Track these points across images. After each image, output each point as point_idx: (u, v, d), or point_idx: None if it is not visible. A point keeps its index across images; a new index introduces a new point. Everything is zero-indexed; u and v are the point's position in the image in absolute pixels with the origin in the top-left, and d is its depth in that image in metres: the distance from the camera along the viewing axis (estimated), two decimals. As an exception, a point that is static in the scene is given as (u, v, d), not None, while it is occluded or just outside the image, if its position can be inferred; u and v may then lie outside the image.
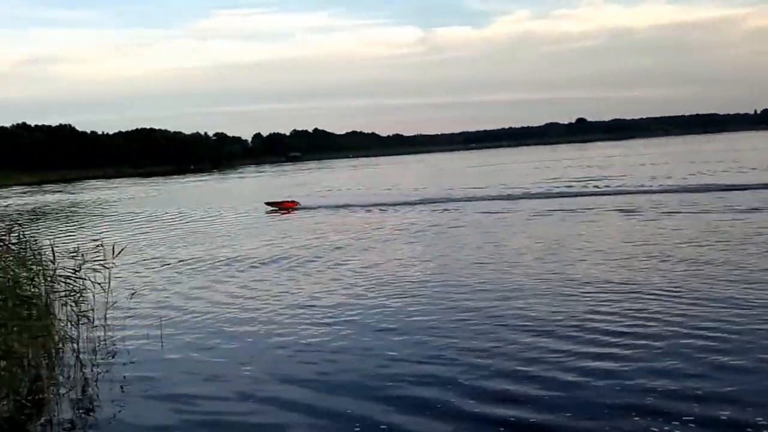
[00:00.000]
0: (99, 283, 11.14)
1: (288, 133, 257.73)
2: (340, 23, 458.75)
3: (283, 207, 34.78)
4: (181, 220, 33.31)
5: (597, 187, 35.32)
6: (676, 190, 30.09)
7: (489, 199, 32.38)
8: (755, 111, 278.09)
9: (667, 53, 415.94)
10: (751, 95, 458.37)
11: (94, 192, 72.63)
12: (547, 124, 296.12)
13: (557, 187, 37.46)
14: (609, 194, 30.73)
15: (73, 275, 10.65)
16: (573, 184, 38.54)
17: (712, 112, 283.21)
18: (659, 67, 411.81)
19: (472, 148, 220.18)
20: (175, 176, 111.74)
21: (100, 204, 49.77)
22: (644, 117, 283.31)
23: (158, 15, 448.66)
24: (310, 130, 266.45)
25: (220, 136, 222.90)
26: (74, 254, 11.19)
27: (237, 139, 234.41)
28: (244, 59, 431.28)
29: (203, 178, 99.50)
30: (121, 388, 8.86)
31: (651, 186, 33.03)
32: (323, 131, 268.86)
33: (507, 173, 56.73)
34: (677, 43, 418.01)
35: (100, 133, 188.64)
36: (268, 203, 36.17)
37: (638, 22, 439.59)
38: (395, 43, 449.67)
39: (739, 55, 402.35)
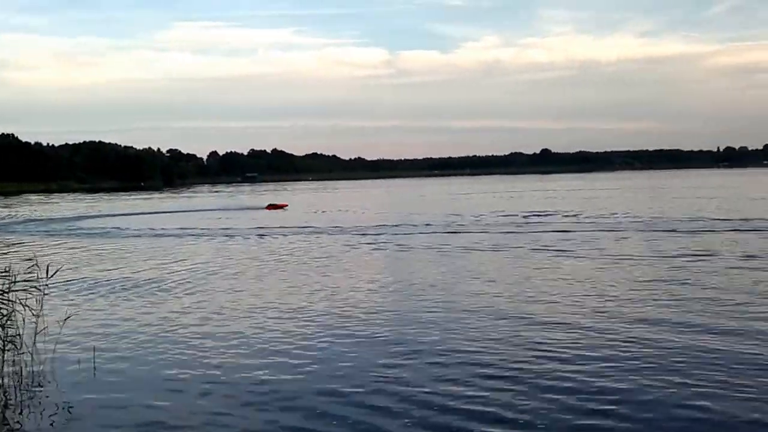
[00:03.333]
0: (29, 306, 10.88)
1: (245, 153, 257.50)
2: (304, 41, 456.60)
3: (278, 207, 53.22)
4: (114, 236, 33.34)
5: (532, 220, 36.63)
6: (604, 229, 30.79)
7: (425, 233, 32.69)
8: (718, 148, 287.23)
9: (634, 87, 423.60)
10: (714, 133, 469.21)
11: (29, 207, 71.11)
12: (511, 154, 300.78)
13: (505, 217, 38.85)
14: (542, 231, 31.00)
15: (0, 297, 10.38)
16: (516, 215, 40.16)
17: (677, 147, 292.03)
18: (626, 100, 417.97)
19: (436, 175, 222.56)
20: (122, 193, 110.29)
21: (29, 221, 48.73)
22: (609, 150, 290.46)
23: (115, 24, 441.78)
24: (269, 150, 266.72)
25: (174, 153, 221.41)
26: (5, 274, 10.94)
27: (191, 157, 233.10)
28: (202, 73, 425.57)
29: (152, 196, 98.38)
30: (49, 417, 8.65)
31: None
32: (282, 152, 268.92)
33: (460, 203, 58.57)
34: (645, 77, 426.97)
35: (45, 144, 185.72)
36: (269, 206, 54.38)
37: (607, 55, 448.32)
38: (360, 64, 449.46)
39: (704, 91, 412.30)
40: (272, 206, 54.84)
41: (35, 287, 11.03)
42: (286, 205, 56.25)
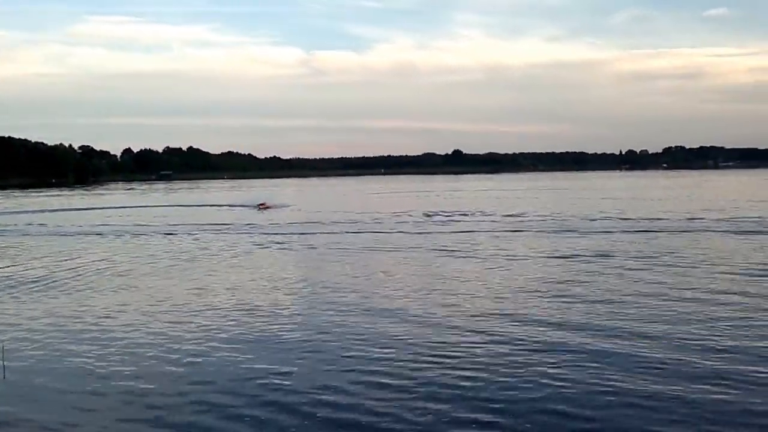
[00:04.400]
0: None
1: (161, 150, 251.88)
2: (220, 39, 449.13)
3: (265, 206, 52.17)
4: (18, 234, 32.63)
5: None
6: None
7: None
8: (620, 151, 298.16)
9: (541, 91, 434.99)
10: (617, 136, 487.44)
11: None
12: (424, 154, 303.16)
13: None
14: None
15: None
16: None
17: (581, 150, 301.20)
18: (533, 104, 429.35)
19: (350, 174, 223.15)
20: (31, 190, 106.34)
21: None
22: (517, 152, 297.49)
23: (26, 17, 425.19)
24: (184, 148, 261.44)
25: (87, 150, 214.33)
26: None
27: (105, 154, 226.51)
28: (115, 69, 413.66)
29: (62, 193, 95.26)
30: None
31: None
32: (198, 150, 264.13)
33: (372, 202, 59.72)
34: (551, 81, 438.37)
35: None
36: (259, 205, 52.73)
37: (515, 59, 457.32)
38: (277, 62, 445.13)
39: (607, 96, 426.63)
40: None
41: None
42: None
